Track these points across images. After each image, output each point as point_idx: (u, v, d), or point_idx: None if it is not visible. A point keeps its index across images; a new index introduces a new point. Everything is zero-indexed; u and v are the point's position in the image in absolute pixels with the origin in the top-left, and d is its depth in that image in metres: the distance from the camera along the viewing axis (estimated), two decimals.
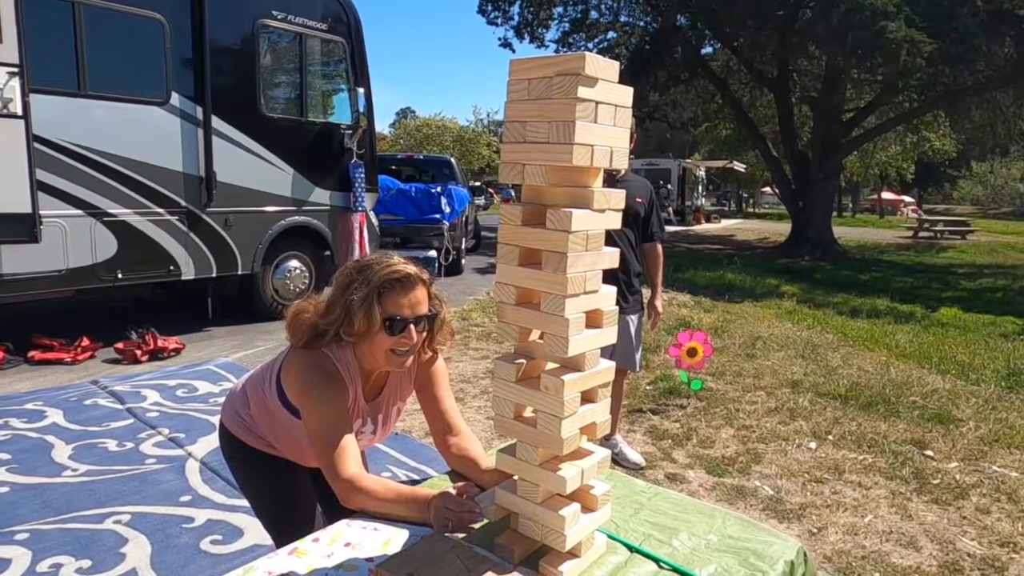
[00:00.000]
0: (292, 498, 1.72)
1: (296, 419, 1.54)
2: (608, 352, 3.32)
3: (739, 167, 31.57)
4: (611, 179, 3.13)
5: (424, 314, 1.45)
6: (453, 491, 1.38)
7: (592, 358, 1.18)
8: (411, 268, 1.44)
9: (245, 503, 2.84)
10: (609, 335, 1.21)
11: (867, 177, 39.05)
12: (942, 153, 30.02)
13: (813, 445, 3.74)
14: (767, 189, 43.87)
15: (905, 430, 4.02)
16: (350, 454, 1.40)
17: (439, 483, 1.62)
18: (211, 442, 3.52)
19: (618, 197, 1.18)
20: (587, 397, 1.20)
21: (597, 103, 1.08)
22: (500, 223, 1.17)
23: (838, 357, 5.85)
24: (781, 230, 22.07)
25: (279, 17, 6.00)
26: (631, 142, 3.27)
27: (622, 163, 1.16)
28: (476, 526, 1.33)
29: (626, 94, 1.15)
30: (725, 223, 30.15)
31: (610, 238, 3.15)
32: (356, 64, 6.66)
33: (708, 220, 29.41)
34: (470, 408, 4.19)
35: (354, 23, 6.63)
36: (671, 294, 9.28)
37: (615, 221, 1.18)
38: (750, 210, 43.36)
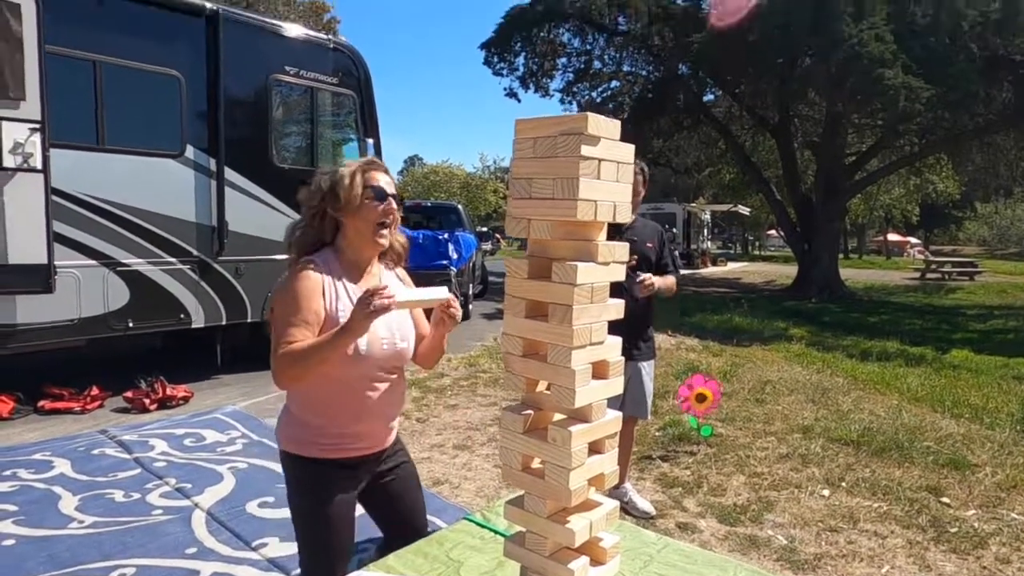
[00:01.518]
0: (333, 523, 1.74)
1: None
2: (619, 399, 3.30)
3: (743, 210, 31.80)
4: (618, 227, 3.19)
5: (396, 193, 1.67)
6: None
7: (599, 409, 1.19)
8: (378, 160, 1.73)
9: (252, 555, 2.82)
10: (616, 386, 1.22)
11: (872, 219, 39.21)
12: (945, 195, 30.17)
13: (826, 492, 3.68)
14: (772, 232, 44.06)
15: (920, 476, 3.96)
16: (296, 338, 1.53)
17: (450, 535, 1.62)
18: (218, 492, 3.50)
19: (622, 250, 1.21)
20: (595, 448, 1.21)
21: (600, 160, 1.12)
22: (506, 275, 1.20)
23: (849, 401, 5.80)
24: (788, 272, 22.08)
25: (291, 72, 6.19)
26: (644, 190, 3.33)
27: (625, 217, 1.20)
28: None
29: (627, 151, 1.20)
30: (731, 266, 30.21)
31: (622, 284, 3.13)
32: (365, 115, 6.84)
33: (714, 263, 29.48)
34: (478, 456, 4.16)
35: (364, 76, 6.83)
36: (679, 338, 9.27)
37: (619, 273, 1.21)
38: (756, 252, 43.43)
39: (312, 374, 1.53)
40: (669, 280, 3.24)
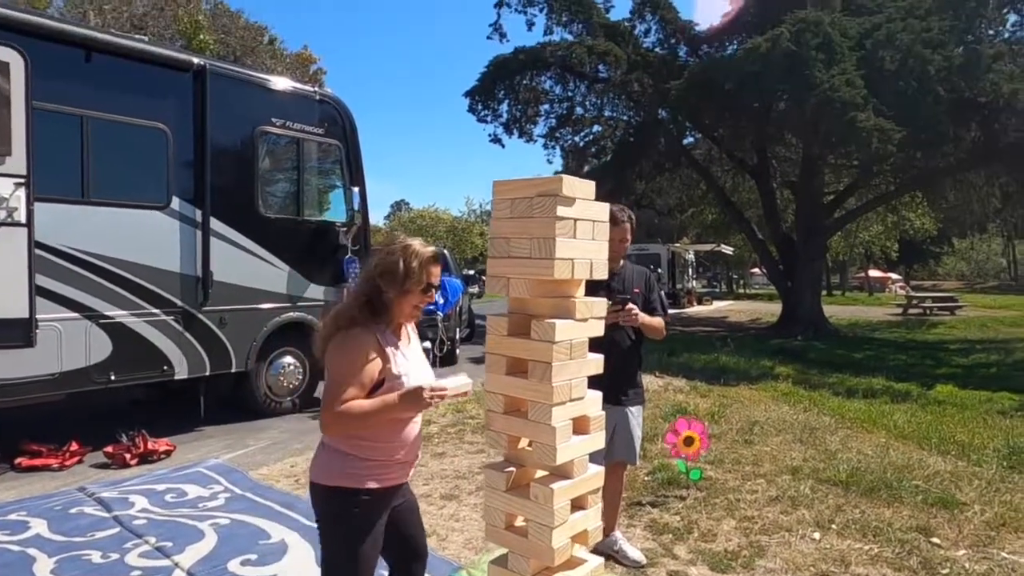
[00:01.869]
0: (375, 549, 1.91)
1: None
2: (608, 444, 3.27)
3: (726, 250, 32.20)
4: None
5: (438, 284, 1.84)
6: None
7: (581, 465, 1.20)
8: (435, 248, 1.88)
9: None
10: (598, 440, 1.23)
11: (853, 256, 39.82)
12: (922, 231, 30.81)
13: (817, 535, 3.66)
14: (756, 270, 44.56)
15: (910, 516, 3.94)
16: (351, 396, 1.75)
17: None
18: (199, 550, 3.42)
19: (599, 306, 1.24)
20: (578, 504, 1.22)
21: (576, 220, 1.15)
22: (487, 332, 1.22)
23: (837, 440, 5.80)
24: (773, 310, 22.24)
25: (278, 123, 6.28)
26: (632, 237, 3.38)
27: (601, 274, 1.23)
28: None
29: (602, 210, 1.23)
30: (717, 304, 30.42)
31: (621, 337, 3.11)
32: (351, 164, 6.93)
33: (700, 302, 29.66)
34: (465, 506, 4.10)
35: (349, 126, 6.94)
36: (667, 379, 9.27)
37: (598, 329, 1.23)
38: (741, 291, 43.80)
39: (360, 425, 1.79)
40: (655, 319, 3.23)
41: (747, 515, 3.96)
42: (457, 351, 10.81)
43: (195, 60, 5.68)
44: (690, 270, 31.48)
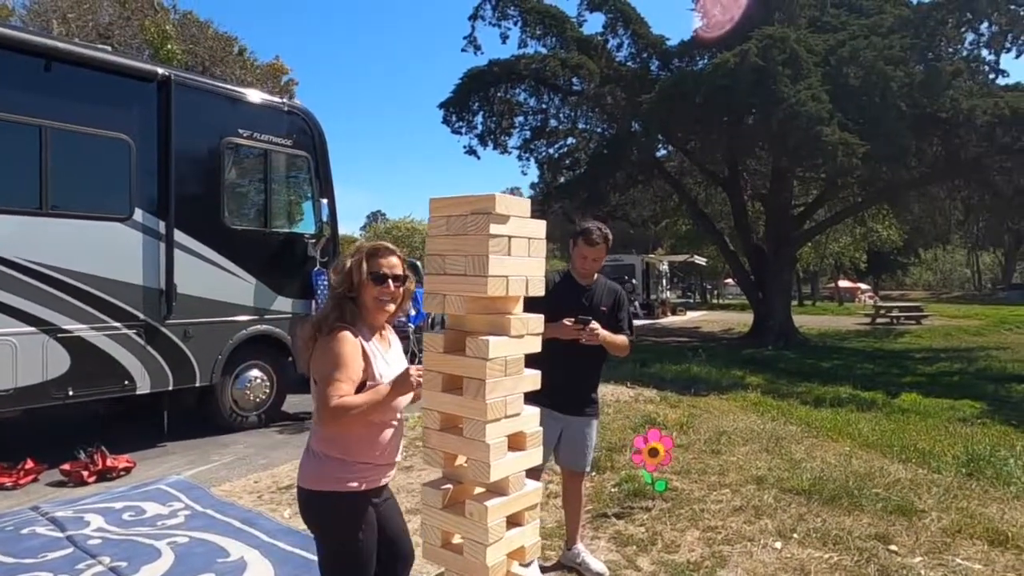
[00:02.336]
0: (371, 549, 1.92)
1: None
2: (557, 450, 3.28)
3: (700, 260, 32.57)
4: (579, 288, 3.32)
5: (398, 274, 1.88)
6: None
7: (517, 481, 1.20)
8: (389, 244, 1.97)
9: None
10: (534, 457, 1.24)
11: (823, 266, 40.53)
12: (889, 242, 31.49)
13: (779, 545, 3.69)
14: (730, 280, 45.11)
15: (869, 524, 4.00)
16: (345, 391, 1.76)
17: None
18: (155, 570, 3.35)
19: (536, 322, 1.25)
20: (514, 521, 1.22)
21: (510, 238, 1.16)
22: (424, 350, 1.22)
23: (802, 449, 5.87)
24: (745, 320, 22.52)
25: (245, 135, 6.23)
26: (605, 253, 3.38)
27: (538, 291, 1.24)
28: None
29: (539, 227, 1.24)
30: (691, 315, 30.69)
31: (575, 350, 3.03)
32: (320, 176, 6.89)
33: (674, 312, 29.91)
34: None
35: (318, 138, 6.91)
36: (638, 390, 9.31)
37: (535, 345, 1.24)
38: (715, 301, 44.29)
39: (358, 421, 1.82)
40: (619, 338, 3.24)
41: (711, 525, 3.98)
42: None
43: (160, 70, 5.62)
44: (664, 281, 31.76)
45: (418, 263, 12.57)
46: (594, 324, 3.06)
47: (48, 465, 4.98)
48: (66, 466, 4.85)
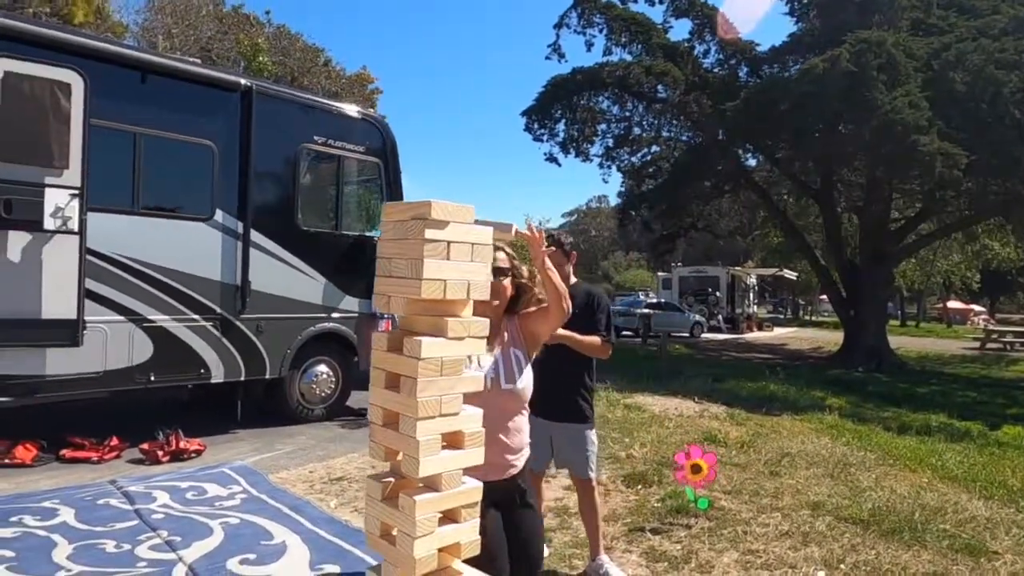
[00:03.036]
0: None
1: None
2: (561, 461, 3.40)
3: (790, 275, 31.18)
4: None
5: (498, 267, 1.93)
6: None
7: (451, 479, 1.23)
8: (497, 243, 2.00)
9: None
10: (474, 457, 1.27)
11: (929, 285, 37.85)
12: (1007, 261, 29.02)
13: (822, 574, 3.51)
14: (824, 296, 42.91)
15: (929, 562, 3.73)
16: None
17: None
18: (205, 547, 3.58)
19: (480, 325, 1.28)
20: (450, 517, 1.25)
21: (450, 243, 1.20)
22: (373, 348, 1.28)
23: (871, 477, 5.53)
24: (837, 339, 21.35)
25: (320, 142, 6.56)
26: (571, 261, 3.27)
27: (482, 295, 1.27)
28: None
29: (485, 234, 1.28)
30: (778, 331, 29.44)
31: (556, 355, 2.92)
32: (390, 181, 7.14)
33: (760, 328, 28.78)
34: None
35: (390, 145, 7.17)
36: (705, 405, 9.05)
37: (476, 347, 1.27)
38: (807, 317, 42.23)
39: None
40: (587, 337, 3.20)
41: (752, 548, 3.83)
42: None
43: (243, 81, 6.02)
44: (751, 294, 30.62)
45: None
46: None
47: (130, 443, 5.42)
48: (145, 445, 5.26)
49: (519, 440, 2.09)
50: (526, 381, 2.08)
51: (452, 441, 1.26)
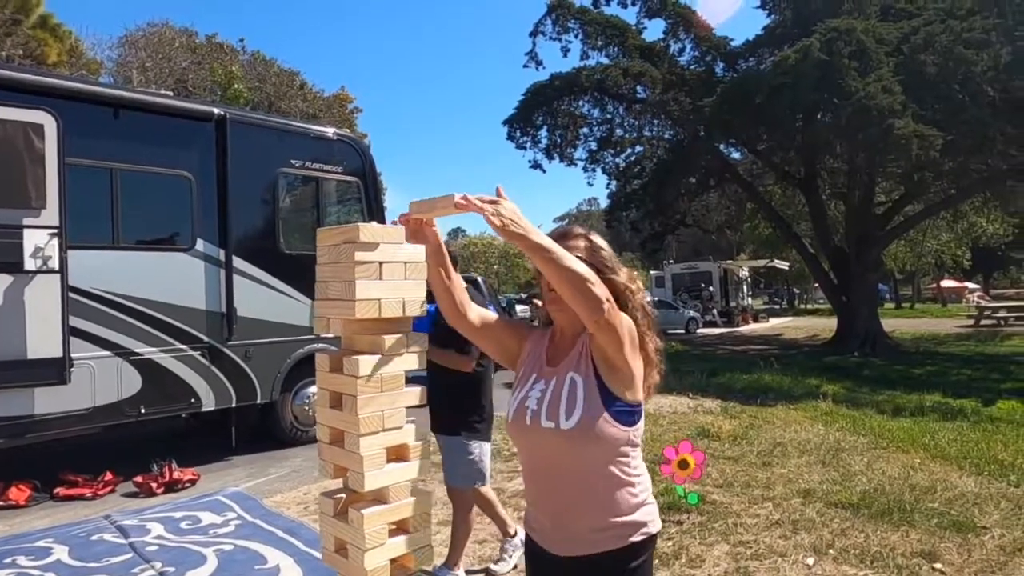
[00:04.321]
0: None
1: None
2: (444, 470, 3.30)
3: (781, 265, 31.31)
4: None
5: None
6: None
7: (399, 491, 1.28)
8: (579, 228, 1.60)
9: None
10: (417, 469, 1.31)
11: (921, 266, 38.01)
12: (996, 236, 29.20)
13: (811, 561, 3.55)
14: (819, 284, 43.04)
15: (917, 541, 3.77)
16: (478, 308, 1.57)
17: None
18: (198, 575, 3.60)
19: (419, 339, 1.32)
20: (401, 527, 1.29)
21: (381, 263, 1.25)
22: (317, 370, 1.32)
23: (862, 462, 5.57)
24: (832, 326, 21.44)
25: (297, 165, 6.61)
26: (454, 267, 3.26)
27: (416, 311, 1.31)
28: None
29: (417, 252, 1.32)
30: (774, 322, 29.53)
31: (436, 368, 3.08)
32: (370, 199, 7.19)
33: (755, 320, 28.87)
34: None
35: (368, 164, 7.23)
36: (699, 400, 9.09)
37: (414, 362, 1.31)
38: (801, 307, 42.35)
39: None
40: (445, 353, 3.23)
41: (742, 540, 3.87)
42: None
43: (215, 110, 6.07)
44: (744, 287, 30.72)
45: (479, 278, 12.79)
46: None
47: (124, 477, 5.43)
48: (138, 478, 5.28)
49: (607, 502, 1.47)
50: (581, 420, 1.43)
51: (397, 454, 1.30)
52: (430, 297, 1.46)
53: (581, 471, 1.46)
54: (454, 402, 3.39)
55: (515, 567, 3.57)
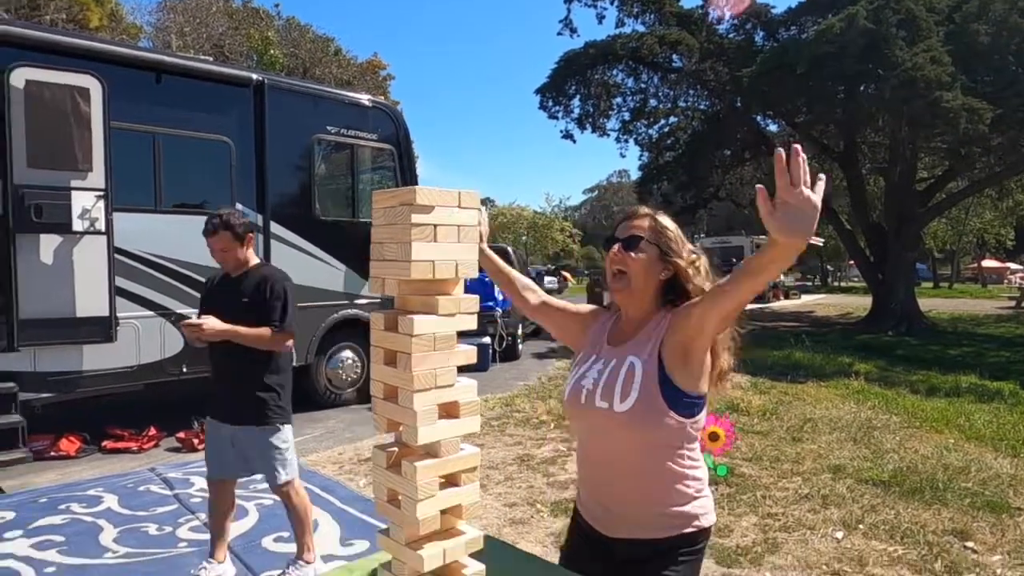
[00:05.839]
0: None
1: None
2: (221, 461, 3.02)
3: (816, 241, 30.58)
4: (227, 280, 2.99)
5: (631, 236, 1.51)
6: None
7: (450, 446, 1.32)
8: (645, 208, 1.59)
9: None
10: (470, 425, 1.35)
11: (962, 245, 36.99)
12: None
13: (840, 535, 3.56)
14: (854, 262, 42.18)
15: (949, 519, 3.76)
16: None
17: (365, 563, 1.75)
18: (241, 527, 3.76)
19: (470, 302, 1.35)
20: (451, 481, 1.34)
21: (436, 226, 1.27)
22: (371, 328, 1.36)
23: (895, 440, 5.54)
24: (866, 304, 21.07)
25: (333, 131, 6.65)
26: (243, 245, 2.89)
27: (471, 273, 1.34)
28: None
29: (470, 216, 1.34)
30: (806, 299, 29.11)
31: (222, 352, 2.83)
32: (404, 167, 7.22)
33: (787, 296, 28.47)
34: (490, 495, 4.25)
35: (402, 131, 7.24)
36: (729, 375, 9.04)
37: (467, 323, 1.35)
38: (836, 284, 41.61)
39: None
40: (253, 330, 2.80)
41: (771, 512, 3.90)
42: (520, 346, 10.98)
43: (254, 76, 6.12)
44: None
45: (509, 248, 12.82)
46: (201, 319, 2.74)
47: (167, 433, 5.64)
48: (181, 434, 5.48)
49: (659, 490, 1.46)
50: (635, 404, 1.41)
51: (448, 411, 1.34)
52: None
53: (633, 457, 1.45)
54: (255, 388, 2.90)
55: None
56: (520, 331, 10.99)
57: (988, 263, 43.31)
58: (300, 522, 3.07)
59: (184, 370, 5.65)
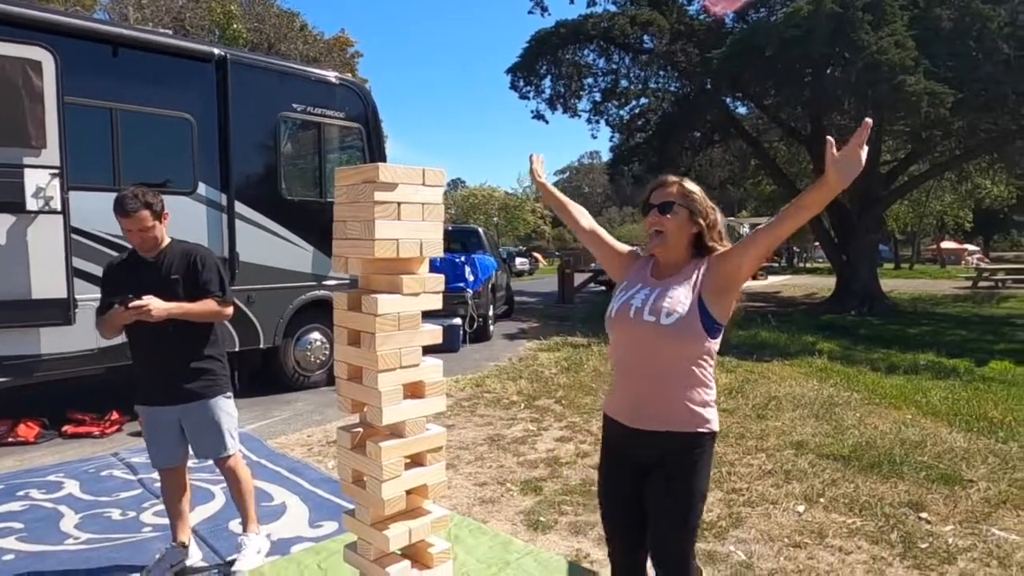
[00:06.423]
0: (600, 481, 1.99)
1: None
2: (201, 447, 3.01)
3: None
4: (143, 261, 2.91)
5: (664, 201, 1.86)
6: None
7: (415, 425, 1.31)
8: (673, 176, 1.95)
9: (224, 570, 2.97)
10: (434, 405, 1.34)
11: (923, 227, 37.92)
12: (999, 199, 29.03)
13: (801, 508, 3.66)
14: (819, 243, 42.98)
15: (905, 492, 3.89)
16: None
17: (329, 546, 1.74)
18: (207, 510, 3.72)
19: (435, 281, 1.34)
20: (417, 461, 1.33)
21: (400, 204, 1.25)
22: (334, 307, 1.34)
23: (855, 416, 5.69)
24: (830, 285, 21.51)
25: (299, 109, 6.51)
26: (161, 221, 2.87)
27: (436, 252, 1.33)
28: None
29: (435, 194, 1.33)
30: (772, 279, 29.62)
31: (156, 334, 2.74)
32: (372, 146, 7.11)
33: (754, 277, 28.92)
34: (460, 475, 4.26)
35: (371, 109, 7.12)
36: None
37: (433, 303, 1.33)
38: (801, 265, 42.43)
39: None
40: (196, 305, 2.79)
41: (735, 488, 3.98)
42: (492, 327, 10.98)
43: (216, 51, 5.94)
44: None
45: (480, 230, 12.76)
46: (143, 300, 2.64)
47: (130, 417, 5.53)
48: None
49: (681, 390, 1.79)
50: (677, 320, 1.75)
51: (413, 391, 1.33)
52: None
53: (668, 362, 1.79)
54: (192, 361, 2.88)
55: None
56: (491, 312, 11.00)
57: (947, 244, 44.54)
58: (248, 494, 3.09)
59: None
